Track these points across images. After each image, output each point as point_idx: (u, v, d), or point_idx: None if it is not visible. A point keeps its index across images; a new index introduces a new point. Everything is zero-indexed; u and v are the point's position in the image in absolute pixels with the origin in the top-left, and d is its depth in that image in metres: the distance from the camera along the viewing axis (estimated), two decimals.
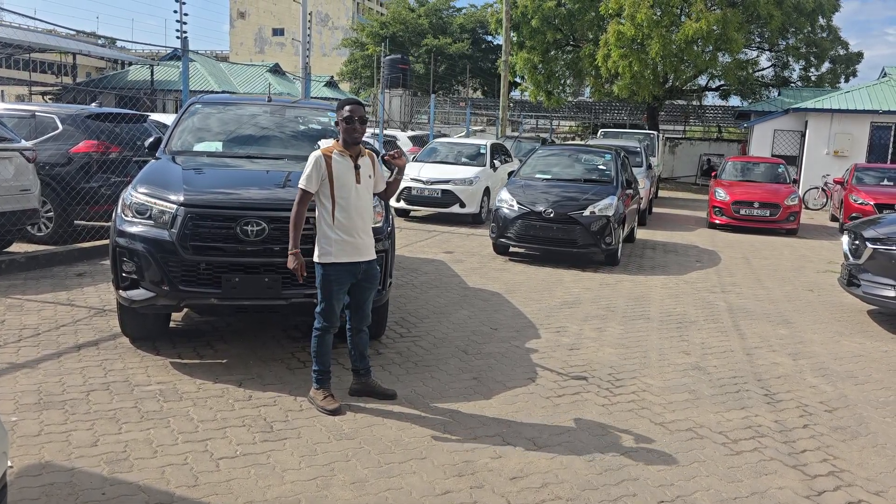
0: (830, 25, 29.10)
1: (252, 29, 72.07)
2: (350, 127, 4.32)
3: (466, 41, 48.03)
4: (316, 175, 4.27)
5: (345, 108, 4.35)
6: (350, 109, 4.32)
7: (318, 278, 4.33)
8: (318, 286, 4.35)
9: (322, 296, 4.35)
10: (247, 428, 4.10)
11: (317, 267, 4.33)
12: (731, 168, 17.28)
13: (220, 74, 37.13)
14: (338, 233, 4.27)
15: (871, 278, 7.08)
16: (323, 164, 4.27)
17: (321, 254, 4.30)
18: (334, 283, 4.30)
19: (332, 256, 4.27)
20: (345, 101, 4.45)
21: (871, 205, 15.39)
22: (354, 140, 4.37)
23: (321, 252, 4.30)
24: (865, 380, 5.56)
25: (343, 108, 4.36)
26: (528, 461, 3.86)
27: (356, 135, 4.35)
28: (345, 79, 51.53)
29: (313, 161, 4.29)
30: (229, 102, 7.17)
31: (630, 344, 6.21)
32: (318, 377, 4.49)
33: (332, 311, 4.35)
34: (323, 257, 4.29)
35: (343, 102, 4.43)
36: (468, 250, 10.71)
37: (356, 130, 4.33)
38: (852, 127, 22.57)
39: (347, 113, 4.31)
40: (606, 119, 38.46)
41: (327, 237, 4.28)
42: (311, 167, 4.27)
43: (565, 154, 12.17)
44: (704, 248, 12.39)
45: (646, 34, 23.65)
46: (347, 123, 4.32)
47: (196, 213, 4.83)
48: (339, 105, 4.45)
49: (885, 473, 3.93)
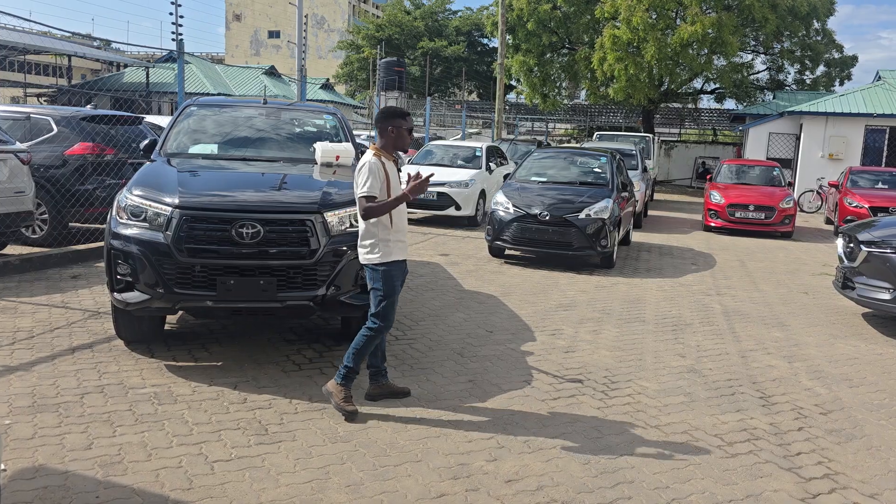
0: (825, 29, 29.21)
1: (248, 31, 72.04)
2: (410, 136, 4.58)
3: (462, 44, 48.15)
4: (377, 180, 4.33)
5: (406, 118, 4.56)
6: (410, 119, 4.59)
7: (380, 279, 4.39)
8: (381, 287, 4.40)
9: (385, 294, 4.40)
10: (241, 431, 4.09)
11: (377, 269, 4.40)
12: (726, 171, 17.31)
13: (216, 77, 37.10)
14: (394, 234, 4.43)
15: (866, 281, 7.10)
16: (381, 169, 4.37)
17: (383, 254, 4.40)
18: (397, 280, 4.45)
19: (393, 255, 4.42)
20: (404, 111, 4.65)
21: (865, 208, 15.43)
22: (405, 149, 4.68)
23: (383, 253, 4.40)
24: (860, 382, 5.57)
25: (405, 118, 4.55)
26: (524, 464, 3.86)
27: (409, 143, 4.64)
28: (340, 81, 51.56)
29: (371, 168, 4.33)
30: (225, 105, 7.16)
31: (625, 347, 6.22)
32: (347, 374, 4.42)
33: (394, 309, 4.47)
34: (385, 257, 4.40)
35: (403, 113, 4.61)
36: (464, 253, 10.72)
37: (412, 139, 4.66)
38: (847, 130, 22.65)
39: (410, 123, 4.57)
40: (602, 122, 38.58)
41: (385, 238, 4.40)
42: (370, 174, 4.32)
43: (561, 157, 12.18)
44: (700, 251, 12.41)
45: (641, 37, 23.69)
46: (409, 133, 4.56)
47: (191, 215, 4.82)
48: (397, 114, 4.56)
49: (879, 476, 3.93)
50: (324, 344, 5.74)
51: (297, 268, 4.93)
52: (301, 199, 5.19)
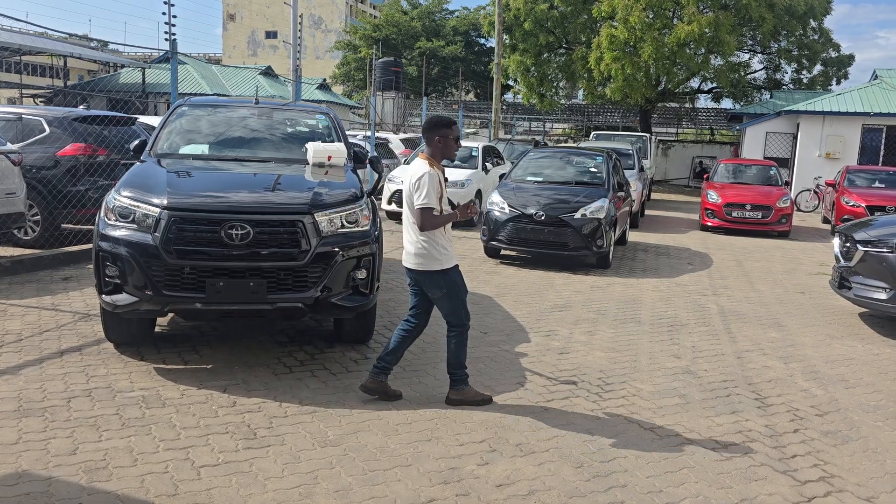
0: (822, 28, 29.15)
1: (245, 32, 71.93)
2: (457, 145, 4.64)
3: (459, 44, 48.07)
4: (435, 191, 4.44)
5: (452, 127, 4.60)
6: (456, 129, 4.63)
7: (448, 284, 4.55)
8: (449, 292, 4.56)
9: (454, 298, 4.59)
10: (230, 435, 4.03)
11: (445, 274, 4.53)
12: (723, 170, 17.27)
13: (212, 77, 36.99)
14: (447, 240, 4.58)
15: (863, 281, 7.06)
16: (437, 179, 4.48)
17: (445, 260, 4.53)
18: (459, 283, 4.60)
19: (453, 260, 4.58)
20: (451, 120, 4.68)
21: (862, 207, 15.41)
22: (453, 157, 4.76)
23: (445, 259, 4.53)
24: (856, 383, 5.52)
25: (451, 127, 4.60)
26: (515, 468, 3.80)
27: (455, 152, 4.70)
28: (337, 81, 51.47)
29: (431, 178, 4.42)
30: (217, 104, 7.11)
31: (620, 348, 6.17)
32: (459, 378, 4.69)
33: (464, 307, 4.64)
34: (447, 263, 4.54)
35: (450, 122, 4.65)
36: (459, 253, 10.65)
37: (458, 147, 4.71)
38: (844, 129, 22.62)
39: (457, 132, 4.62)
40: (599, 121, 38.52)
41: (444, 246, 4.54)
42: (429, 185, 4.41)
43: (557, 157, 12.14)
44: (696, 251, 12.37)
45: (638, 37, 23.65)
46: (456, 141, 4.61)
47: (180, 216, 4.76)
48: (444, 123, 4.60)
49: (875, 479, 3.89)
50: (316, 346, 5.69)
51: (288, 269, 4.88)
52: (291, 199, 5.14)
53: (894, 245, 6.79)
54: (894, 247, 6.78)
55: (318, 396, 4.66)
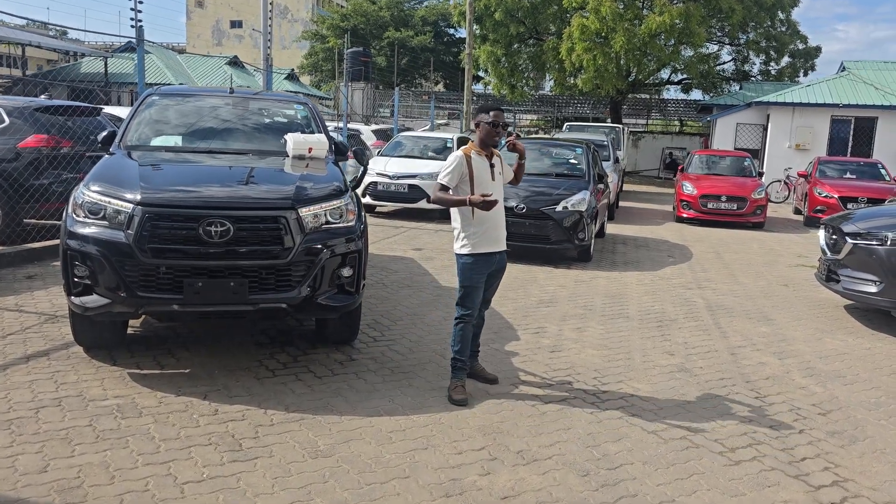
0: (789, 20, 29.39)
1: (209, 21, 70.51)
2: (494, 131, 4.59)
3: (429, 34, 47.66)
4: (456, 173, 4.53)
5: (490, 112, 4.58)
6: (494, 115, 4.58)
7: (459, 268, 4.62)
8: (459, 275, 4.63)
9: (461, 283, 4.63)
10: (213, 447, 3.77)
11: (458, 259, 4.62)
12: (697, 161, 17.27)
13: (178, 67, 36.18)
14: (477, 226, 4.54)
15: (851, 274, 6.99)
16: (464, 164, 4.53)
17: (462, 245, 4.59)
18: (474, 272, 4.57)
19: (471, 247, 4.56)
20: (489, 106, 4.65)
21: (835, 198, 15.51)
22: (494, 143, 4.66)
23: (462, 244, 4.59)
24: (853, 379, 5.43)
25: (488, 112, 4.58)
26: (519, 478, 3.61)
27: (497, 138, 4.63)
28: (306, 72, 50.75)
29: (456, 160, 4.54)
30: (189, 94, 6.77)
31: (612, 345, 6.01)
32: (453, 365, 4.69)
33: (471, 298, 4.62)
34: (464, 248, 4.58)
35: (487, 108, 4.63)
36: (438, 247, 10.43)
37: (498, 134, 4.62)
38: (813, 120, 22.83)
39: (492, 118, 4.57)
40: (569, 113, 38.46)
41: (468, 230, 4.56)
42: (453, 165, 4.53)
43: (536, 148, 11.93)
44: (675, 243, 12.30)
45: (610, 28, 23.56)
46: (493, 127, 4.58)
47: (154, 212, 4.46)
48: (482, 109, 4.65)
49: (889, 482, 3.77)
50: (298, 347, 5.43)
51: (270, 268, 4.62)
52: (273, 194, 4.87)
53: (884, 238, 6.72)
54: (884, 239, 6.71)
55: (304, 402, 4.41)
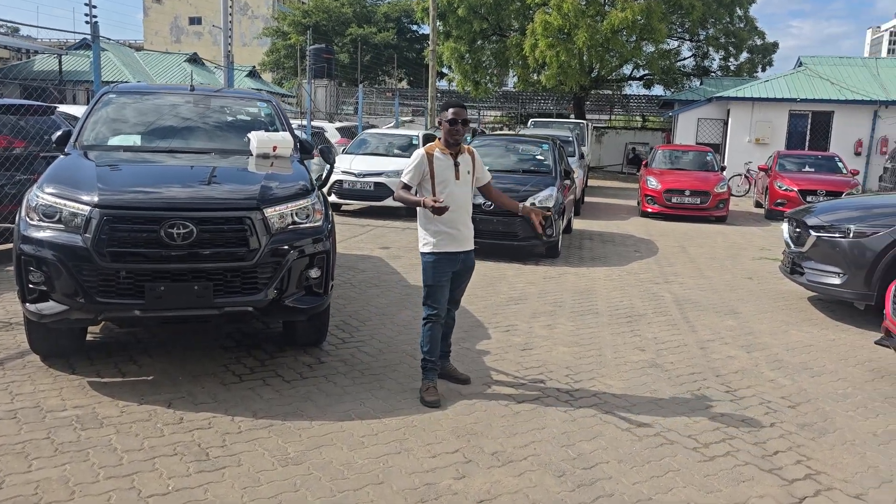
0: (747, 16, 29.86)
1: (167, 17, 69.24)
2: (453, 129, 4.48)
3: (392, 30, 47.41)
4: (417, 171, 4.49)
5: (449, 110, 4.49)
6: (454, 112, 4.47)
7: (422, 267, 4.57)
8: (423, 273, 4.57)
9: (424, 282, 4.57)
10: (179, 457, 3.64)
11: (422, 256, 4.58)
12: (661, 156, 17.43)
13: (135, 64, 35.43)
14: (438, 225, 4.48)
15: (815, 266, 7.08)
16: (425, 162, 4.48)
17: (424, 244, 4.55)
18: (436, 270, 4.51)
19: (432, 246, 4.51)
20: (449, 103, 4.55)
21: (795, 191, 15.79)
22: (456, 141, 4.52)
23: (424, 243, 4.55)
24: (820, 371, 5.49)
25: (447, 110, 4.50)
26: (495, 480, 3.55)
27: (458, 137, 4.51)
28: (267, 69, 50.14)
29: (417, 159, 4.50)
30: (148, 91, 6.59)
31: (583, 342, 5.99)
32: (422, 366, 4.61)
33: (435, 297, 4.55)
34: (426, 247, 4.54)
35: (447, 104, 4.54)
36: (405, 245, 10.34)
37: (458, 133, 4.50)
38: (772, 115, 23.21)
39: (451, 115, 4.46)
40: (532, 109, 38.56)
41: (429, 229, 4.53)
42: (414, 164, 4.49)
43: (502, 145, 11.92)
44: (641, 238, 12.38)
45: (572, 24, 23.68)
46: (451, 125, 4.47)
47: (113, 215, 4.31)
48: (442, 106, 4.57)
49: (860, 473, 3.79)
50: (265, 350, 5.31)
51: (236, 270, 4.49)
52: (238, 194, 4.73)
53: (847, 230, 6.82)
54: (847, 232, 6.81)
55: (272, 407, 4.30)
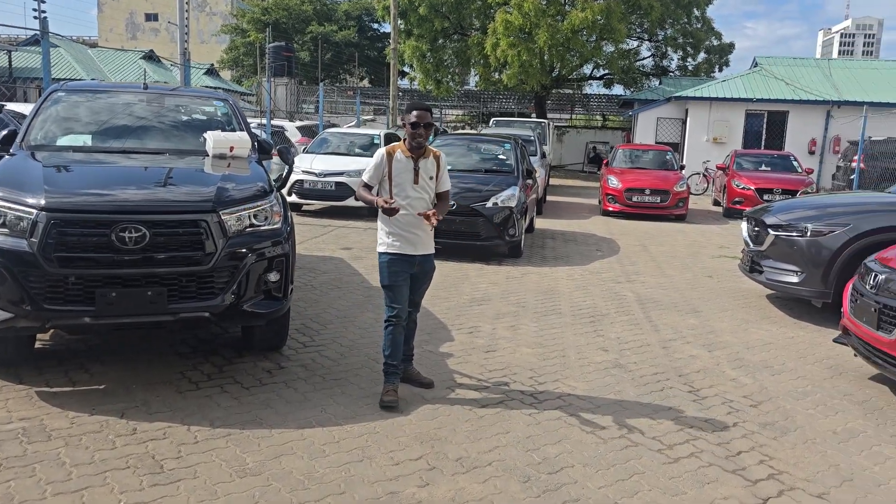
0: (705, 17, 30.28)
1: (123, 14, 67.81)
2: (415, 132, 4.39)
3: (352, 29, 47.09)
4: (376, 171, 4.47)
5: (412, 112, 4.41)
6: (417, 115, 4.38)
7: (379, 267, 4.53)
8: (379, 274, 4.53)
9: (381, 283, 4.54)
10: (132, 470, 3.51)
11: (378, 256, 4.53)
12: (621, 156, 17.58)
13: (89, 61, 34.61)
14: (394, 227, 4.42)
15: (774, 264, 7.16)
16: (384, 162, 4.44)
17: (380, 244, 4.51)
18: (390, 271, 4.45)
19: (387, 247, 4.47)
20: (412, 105, 4.47)
21: (752, 189, 16.04)
22: (419, 144, 4.43)
23: (380, 243, 4.51)
24: (780, 369, 5.54)
25: (410, 112, 4.42)
26: (460, 487, 3.49)
27: (420, 140, 4.41)
28: (226, 67, 49.42)
29: (377, 158, 4.47)
30: (99, 89, 6.39)
31: (546, 343, 5.97)
32: (384, 370, 4.56)
33: (393, 297, 4.48)
34: (381, 247, 4.51)
35: (411, 107, 4.46)
36: (367, 246, 10.23)
37: (420, 136, 4.40)
38: (729, 114, 23.59)
39: (414, 119, 4.38)
40: (494, 108, 38.63)
41: (385, 229, 4.48)
42: (373, 163, 4.48)
43: (464, 144, 11.87)
44: (602, 237, 12.45)
45: (533, 23, 23.79)
46: (413, 129, 4.38)
47: (61, 218, 4.14)
48: (406, 108, 4.50)
49: (821, 472, 3.82)
50: (223, 356, 5.17)
51: (191, 275, 4.36)
52: (193, 196, 4.59)
53: (804, 229, 6.91)
54: (804, 231, 6.90)
55: (231, 416, 4.18)
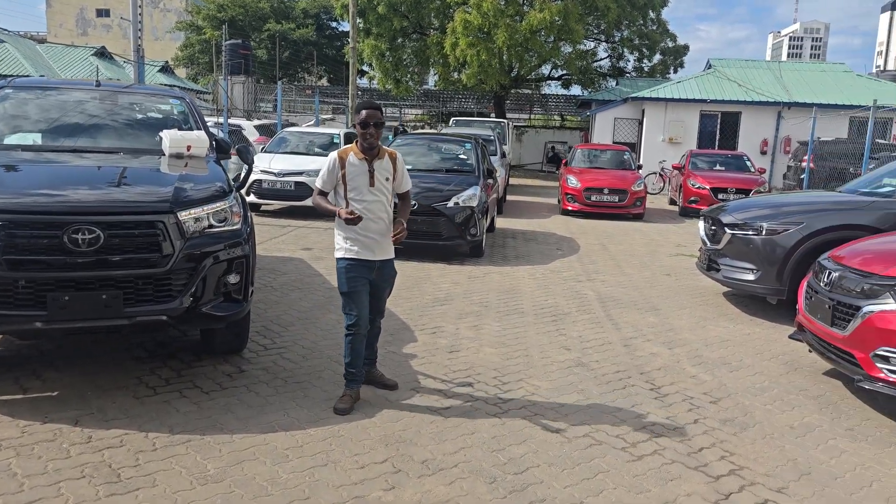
0: (660, 19, 30.74)
1: (73, 9, 66.17)
2: (365, 132, 4.25)
3: (310, 27, 46.72)
4: (330, 177, 4.33)
5: (362, 112, 4.27)
6: (366, 114, 4.25)
7: (337, 272, 4.43)
8: (337, 280, 4.44)
9: (339, 289, 4.44)
10: (87, 479, 3.40)
11: (336, 261, 4.43)
12: (580, 155, 17.73)
13: (37, 58, 33.66)
14: (351, 231, 4.30)
15: (730, 263, 7.29)
16: (337, 167, 4.30)
17: (337, 248, 4.41)
18: (347, 277, 4.34)
19: (343, 252, 4.36)
20: (362, 104, 4.34)
21: (707, 189, 16.32)
22: (370, 144, 4.29)
23: (337, 248, 4.41)
24: (738, 366, 5.64)
25: (359, 112, 4.28)
26: (426, 490, 3.46)
27: (371, 139, 4.27)
28: (181, 64, 48.57)
29: (328, 163, 4.32)
30: (49, 86, 6.19)
31: (509, 342, 5.98)
32: (345, 375, 4.49)
33: (351, 305, 4.38)
34: (338, 252, 4.41)
35: (360, 106, 4.32)
36: (327, 246, 10.13)
37: (372, 136, 4.26)
38: (684, 115, 23.99)
39: (363, 117, 4.25)
40: (453, 107, 38.70)
41: (341, 234, 4.37)
42: (325, 169, 4.33)
43: (424, 144, 11.85)
44: (562, 236, 12.54)
45: (492, 23, 23.88)
46: (363, 128, 4.25)
47: (9, 220, 4.00)
48: (356, 108, 4.37)
49: (780, 467, 3.88)
50: (182, 360, 5.06)
51: (148, 277, 4.25)
52: (149, 196, 4.48)
53: (759, 227, 7.05)
54: (760, 229, 7.04)
55: (190, 422, 4.09)
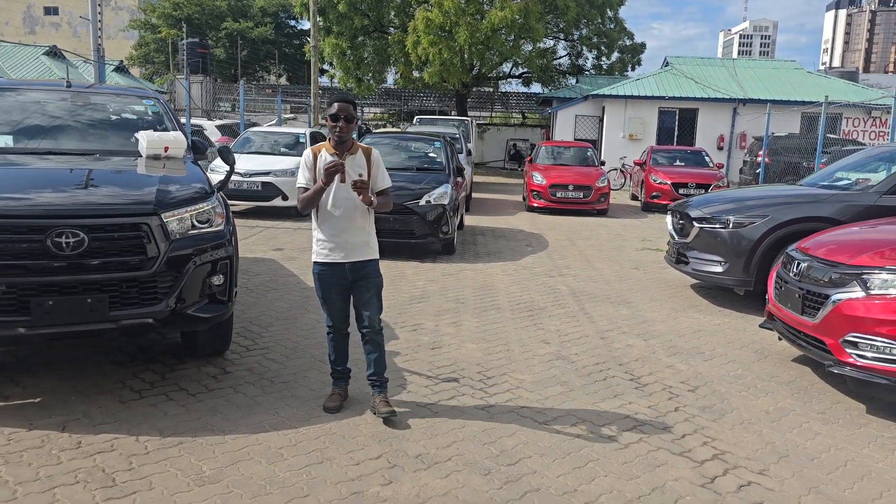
0: (617, 18, 31.15)
1: (20, 6, 64.35)
2: (334, 126, 4.14)
3: (269, 25, 46.19)
4: (308, 172, 4.19)
5: (333, 105, 4.14)
6: (338, 107, 4.12)
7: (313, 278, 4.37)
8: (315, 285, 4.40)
9: (317, 294, 4.41)
10: (82, 485, 3.38)
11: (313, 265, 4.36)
12: (544, 153, 17.93)
13: None
14: (322, 233, 4.23)
15: (699, 255, 7.48)
16: (311, 162, 4.19)
17: (313, 252, 4.33)
18: (320, 282, 4.31)
19: (315, 255, 4.30)
20: (334, 98, 4.20)
21: (668, 184, 16.65)
22: (340, 139, 4.16)
23: (313, 251, 4.33)
24: (712, 355, 5.80)
25: (331, 105, 4.16)
26: (423, 484, 3.52)
27: (341, 134, 4.15)
28: (136, 63, 47.65)
29: (304, 159, 4.23)
30: (18, 87, 6.07)
31: (490, 337, 6.06)
32: (331, 374, 4.54)
33: (330, 310, 4.39)
34: (313, 255, 4.33)
35: (333, 99, 4.18)
36: (298, 246, 10.11)
37: (341, 130, 4.14)
38: (644, 112, 24.37)
39: (334, 110, 4.13)
40: (414, 106, 38.67)
41: (315, 236, 4.29)
42: (302, 165, 4.23)
43: (393, 143, 11.87)
44: (530, 232, 12.68)
45: (453, 21, 23.93)
46: (332, 121, 4.13)
47: None
48: (328, 101, 4.27)
49: (760, 450, 4.03)
50: (164, 363, 5.03)
51: (133, 280, 4.22)
52: (132, 198, 4.44)
53: (727, 221, 7.25)
54: (727, 223, 7.24)
55: (180, 424, 4.08)
